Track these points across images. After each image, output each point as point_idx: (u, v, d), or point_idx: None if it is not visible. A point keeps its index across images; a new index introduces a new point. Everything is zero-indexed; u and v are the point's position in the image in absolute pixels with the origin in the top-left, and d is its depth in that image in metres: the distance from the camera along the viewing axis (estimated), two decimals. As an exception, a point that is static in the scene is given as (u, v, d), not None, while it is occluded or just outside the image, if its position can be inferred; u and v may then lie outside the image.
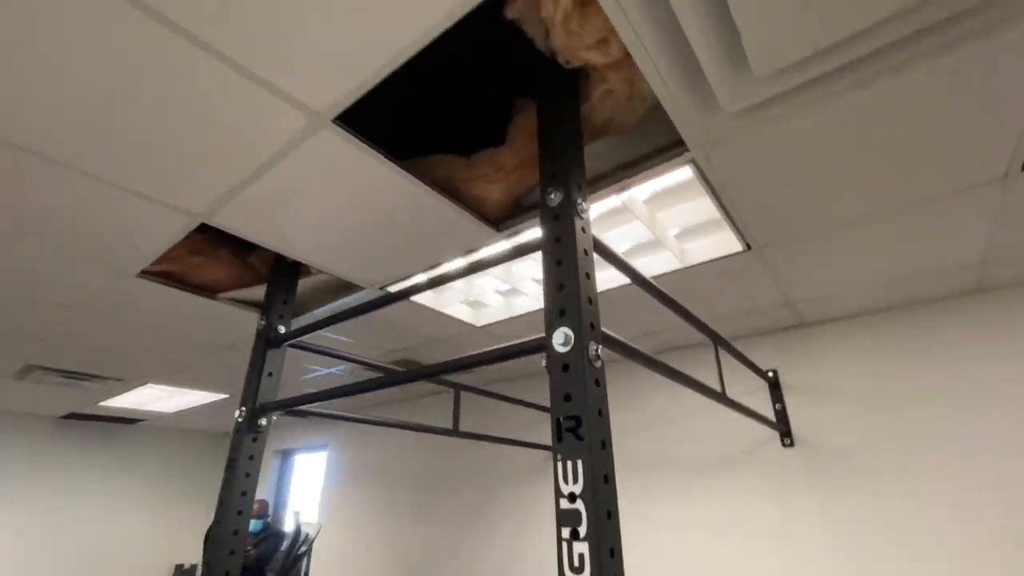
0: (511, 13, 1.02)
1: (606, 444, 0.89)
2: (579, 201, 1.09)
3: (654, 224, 1.69)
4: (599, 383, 0.94)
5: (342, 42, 0.98)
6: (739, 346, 2.67)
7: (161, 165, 1.30)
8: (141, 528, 5.16)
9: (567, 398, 0.91)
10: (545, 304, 1.01)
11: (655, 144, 1.38)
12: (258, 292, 2.14)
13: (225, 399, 3.95)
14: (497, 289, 2.25)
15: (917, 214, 1.62)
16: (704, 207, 1.62)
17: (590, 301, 1.00)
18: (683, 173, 1.44)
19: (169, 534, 5.31)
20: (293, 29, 0.95)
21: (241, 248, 2.05)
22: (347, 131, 1.22)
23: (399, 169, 1.36)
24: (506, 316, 2.37)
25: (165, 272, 1.98)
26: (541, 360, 0.99)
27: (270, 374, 1.74)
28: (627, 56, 1.07)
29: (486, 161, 1.51)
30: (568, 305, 0.98)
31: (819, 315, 2.44)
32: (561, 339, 0.95)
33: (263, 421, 1.64)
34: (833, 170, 1.41)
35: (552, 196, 1.10)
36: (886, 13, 0.91)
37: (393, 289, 2.08)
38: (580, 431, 0.87)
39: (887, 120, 1.22)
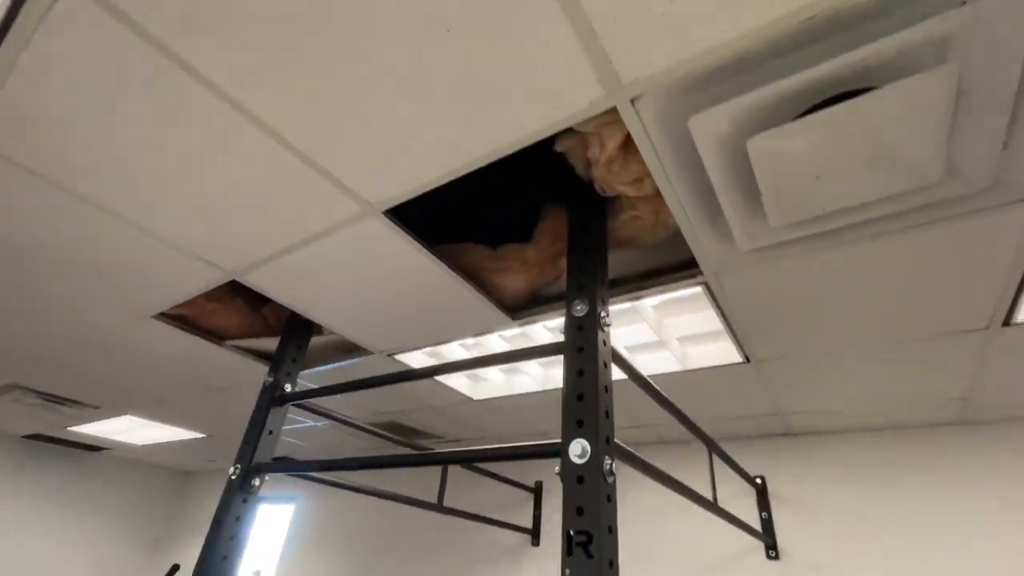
0: (560, 147, 1.14)
1: (613, 564, 0.92)
2: (603, 315, 1.17)
3: (661, 328, 1.78)
4: (611, 499, 0.98)
5: (416, 151, 1.09)
6: (727, 447, 2.70)
7: (210, 226, 1.38)
8: (81, 558, 4.83)
9: (580, 511, 0.94)
10: (564, 411, 1.07)
11: (670, 259, 1.49)
12: (265, 343, 2.17)
13: (201, 438, 3.85)
14: (499, 366, 2.29)
15: (905, 351, 1.72)
16: (709, 319, 1.71)
17: (607, 415, 1.06)
18: (693, 289, 1.54)
19: (113, 569, 4.96)
20: (371, 135, 1.06)
21: (257, 299, 2.10)
22: (394, 222, 1.31)
23: (432, 256, 1.45)
24: (505, 393, 2.40)
25: (180, 316, 2.02)
26: (554, 466, 1.03)
27: (270, 432, 1.74)
28: (657, 194, 1.19)
29: (511, 255, 1.61)
30: (587, 417, 1.03)
31: (808, 427, 2.50)
32: (578, 451, 1.00)
33: (256, 481, 1.63)
34: (831, 306, 1.52)
35: (578, 307, 1.18)
36: (876, 196, 1.05)
37: (400, 357, 2.12)
38: (591, 548, 0.90)
39: (881, 271, 1.34)
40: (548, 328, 1.92)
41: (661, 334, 1.78)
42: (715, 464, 2.61)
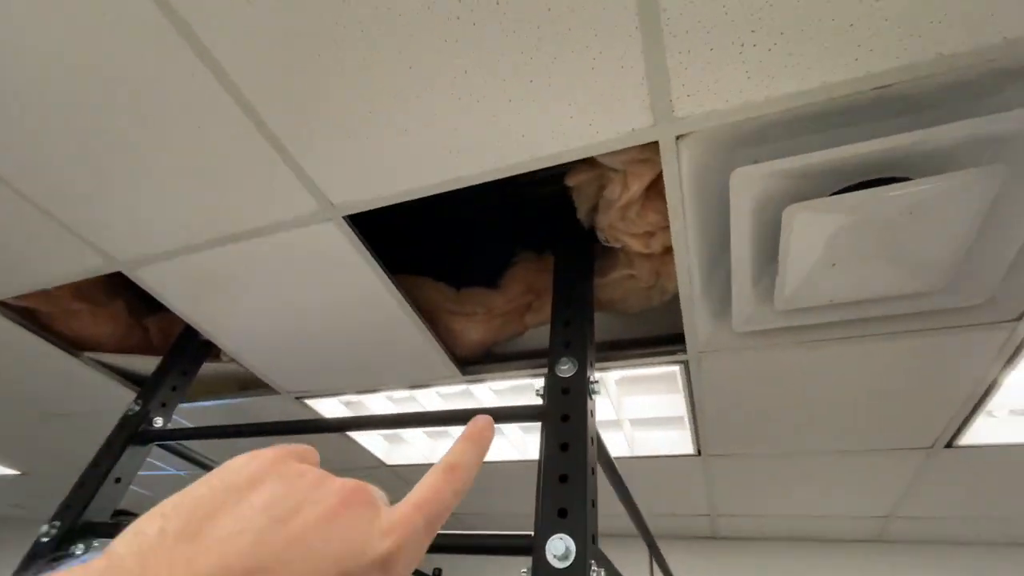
0: (571, 181, 1.01)
1: None
2: (592, 379, 1.00)
3: (620, 407, 1.63)
4: (597, 622, 0.75)
5: (401, 157, 0.90)
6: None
7: (102, 190, 1.06)
8: None
9: (558, 638, 0.71)
10: (540, 495, 0.85)
11: (652, 331, 1.37)
12: (141, 362, 1.73)
13: (9, 475, 3.01)
14: (426, 429, 2.00)
15: (846, 464, 1.70)
16: (673, 404, 1.59)
17: (593, 504, 0.85)
18: (667, 368, 1.42)
19: None
20: (358, 132, 0.86)
21: (141, 305, 1.70)
22: (353, 231, 1.08)
23: (389, 282, 1.22)
24: (425, 461, 2.09)
25: (29, 309, 1.56)
26: (519, 567, 0.79)
27: (118, 480, 1.31)
28: (665, 253, 1.08)
29: (476, 300, 1.42)
30: (572, 504, 0.82)
31: (733, 532, 2.41)
32: (560, 550, 0.77)
33: (80, 549, 1.18)
34: (795, 406, 1.46)
35: (565, 366, 1.00)
36: (883, 294, 1.01)
37: (310, 403, 1.77)
38: None
39: (854, 376, 1.30)
40: (495, 391, 1.70)
41: (619, 413, 1.63)
42: (639, 557, 2.40)
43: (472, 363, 1.53)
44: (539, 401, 1.02)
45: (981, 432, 1.48)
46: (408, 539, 0.24)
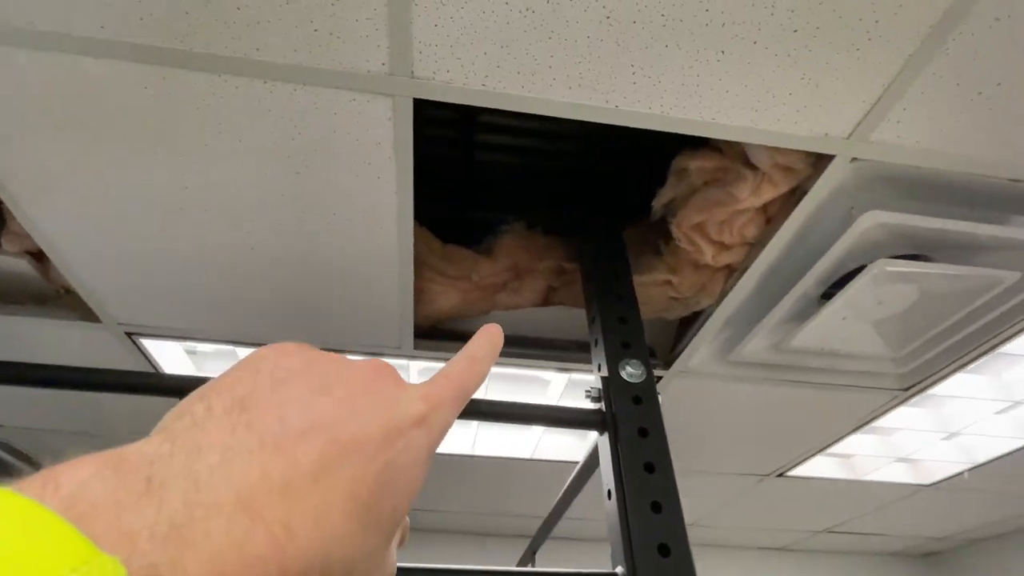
0: (688, 163, 0.88)
1: None
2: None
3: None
4: None
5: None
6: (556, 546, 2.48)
7: None
8: None
9: None
10: (623, 531, 0.69)
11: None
12: None
13: None
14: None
15: (694, 480, 1.93)
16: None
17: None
18: (626, 379, 1.38)
19: None
20: None
21: None
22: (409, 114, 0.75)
23: (408, 206, 0.89)
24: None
25: None
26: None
27: None
28: (722, 269, 1.03)
29: (462, 261, 1.15)
30: (674, 540, 0.69)
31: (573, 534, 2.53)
32: (683, 601, 0.63)
33: None
34: (702, 431, 1.58)
35: (635, 371, 0.86)
36: (860, 352, 1.16)
37: (147, 344, 1.21)
38: None
39: (775, 411, 1.47)
40: (422, 372, 1.42)
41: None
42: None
43: (427, 336, 1.24)
44: (590, 405, 0.85)
45: (806, 467, 1.84)
46: (440, 402, 0.26)
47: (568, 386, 1.46)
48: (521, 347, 1.29)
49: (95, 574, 0.13)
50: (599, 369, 0.90)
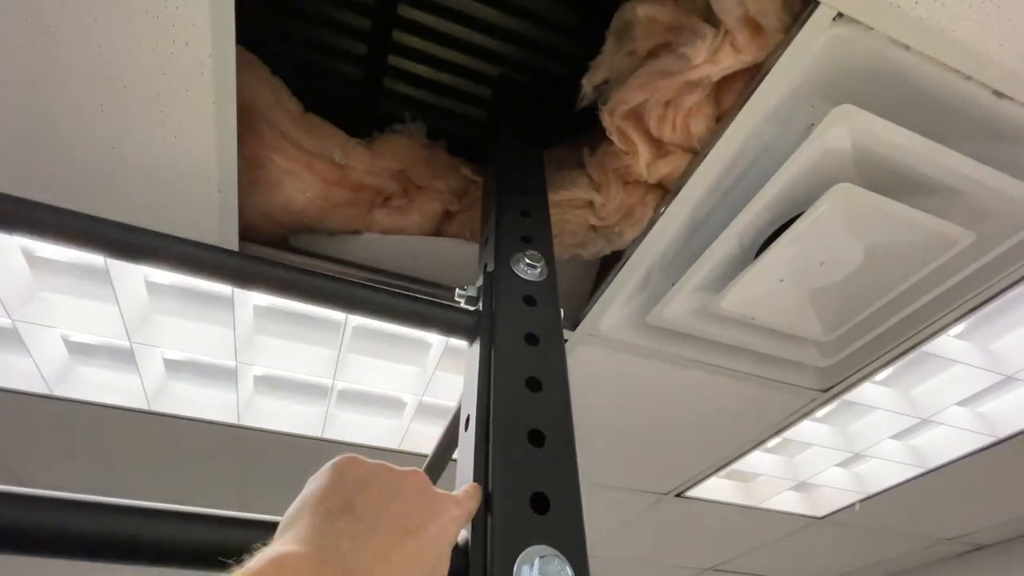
0: (640, 10, 0.67)
1: None
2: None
3: (426, 379, 1.23)
4: None
5: None
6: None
7: None
8: None
9: None
10: (491, 470, 0.42)
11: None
12: None
13: None
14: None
15: (593, 496, 1.70)
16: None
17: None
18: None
19: None
20: None
21: None
22: None
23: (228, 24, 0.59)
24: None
25: None
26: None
27: None
28: (654, 188, 0.82)
29: (330, 138, 0.86)
30: (558, 490, 0.42)
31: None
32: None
33: None
34: (604, 427, 1.36)
35: (534, 266, 0.60)
36: (782, 328, 1.00)
37: None
38: None
39: (688, 404, 1.28)
40: (258, 306, 1.08)
41: (422, 389, 1.23)
42: None
43: (259, 241, 0.91)
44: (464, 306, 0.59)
45: (706, 487, 1.67)
46: (468, 508, 0.40)
47: (448, 352, 1.18)
48: (394, 280, 0.99)
49: None
50: (484, 268, 0.64)
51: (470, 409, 0.48)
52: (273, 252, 0.89)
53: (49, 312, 1.05)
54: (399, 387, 1.26)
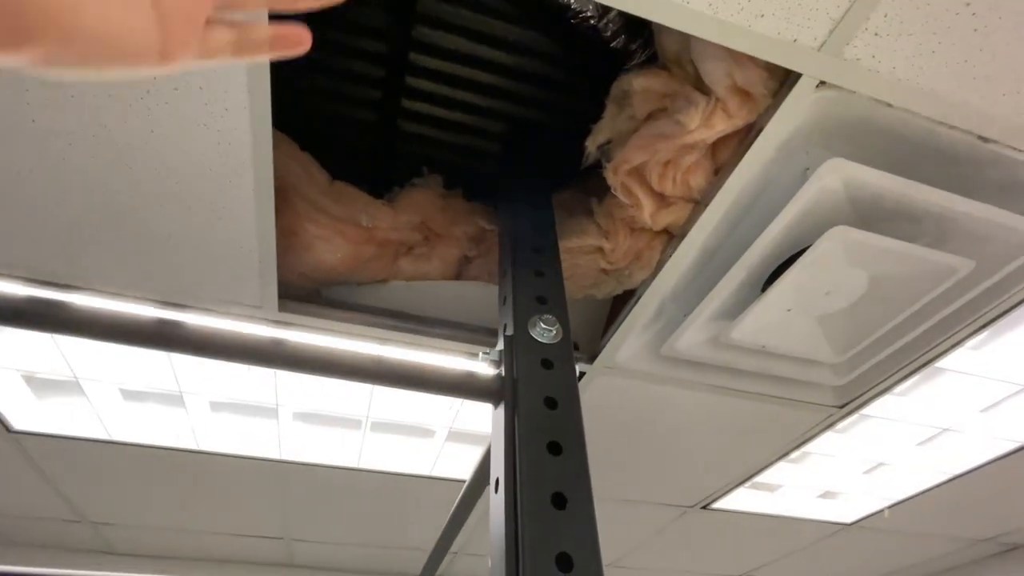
0: (636, 83, 0.72)
1: None
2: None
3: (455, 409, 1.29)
4: None
5: None
6: None
7: None
8: None
9: None
10: (519, 532, 0.48)
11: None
12: None
13: None
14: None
15: (621, 511, 1.74)
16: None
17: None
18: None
19: None
20: None
21: None
22: None
23: (265, 116, 0.66)
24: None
25: None
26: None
27: None
28: (660, 235, 0.87)
29: (356, 203, 0.93)
30: (580, 548, 0.48)
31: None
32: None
33: None
34: (626, 447, 1.40)
35: (549, 329, 0.66)
36: (794, 353, 1.03)
37: None
38: None
39: (698, 429, 1.32)
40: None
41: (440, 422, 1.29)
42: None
43: (297, 298, 0.99)
44: (489, 370, 0.64)
45: (731, 499, 1.69)
46: None
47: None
48: (421, 325, 1.06)
49: None
50: (504, 330, 0.69)
51: (499, 472, 0.54)
52: (307, 318, 0.96)
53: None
54: (429, 418, 1.33)
